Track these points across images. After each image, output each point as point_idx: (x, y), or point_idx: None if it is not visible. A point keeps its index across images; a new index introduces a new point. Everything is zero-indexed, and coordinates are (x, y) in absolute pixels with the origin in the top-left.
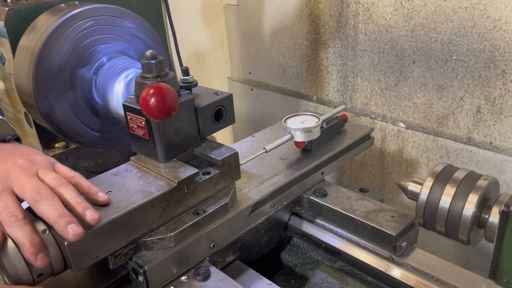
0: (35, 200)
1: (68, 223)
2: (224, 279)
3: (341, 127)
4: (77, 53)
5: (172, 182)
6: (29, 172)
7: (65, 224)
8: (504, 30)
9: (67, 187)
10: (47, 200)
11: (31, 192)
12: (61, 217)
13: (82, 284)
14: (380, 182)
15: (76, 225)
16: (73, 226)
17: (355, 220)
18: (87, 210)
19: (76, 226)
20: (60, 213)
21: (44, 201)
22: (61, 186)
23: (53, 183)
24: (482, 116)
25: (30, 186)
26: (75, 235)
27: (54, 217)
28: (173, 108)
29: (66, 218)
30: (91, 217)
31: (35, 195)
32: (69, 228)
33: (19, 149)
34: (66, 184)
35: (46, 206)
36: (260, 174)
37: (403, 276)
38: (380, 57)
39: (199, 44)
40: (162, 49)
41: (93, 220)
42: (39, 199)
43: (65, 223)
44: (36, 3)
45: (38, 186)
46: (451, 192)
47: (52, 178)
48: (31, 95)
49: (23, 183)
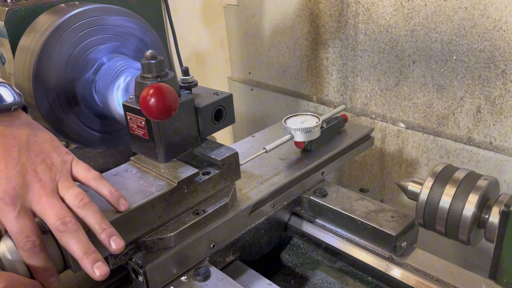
0: (59, 231)
1: (94, 261)
2: (224, 279)
3: (341, 127)
4: (77, 53)
5: (172, 182)
6: (50, 190)
7: (91, 262)
8: (504, 30)
9: (89, 209)
10: (72, 232)
11: (55, 220)
12: (87, 254)
13: (82, 284)
14: (380, 182)
15: (103, 263)
16: (99, 265)
17: (355, 220)
18: (112, 238)
19: (103, 264)
20: (86, 249)
21: (69, 234)
22: (84, 208)
23: (75, 203)
24: (482, 116)
25: (53, 212)
26: (102, 275)
27: (79, 253)
28: (173, 108)
29: (92, 256)
30: (115, 247)
31: (59, 225)
32: (95, 268)
33: (34, 140)
34: (88, 205)
35: (71, 239)
36: (260, 174)
37: (403, 276)
38: (380, 57)
39: (199, 44)
40: (162, 49)
41: (118, 250)
42: (63, 230)
43: (91, 262)
44: (36, 3)
45: (61, 213)
46: (451, 192)
47: (73, 197)
48: (31, 95)
49: (44, 205)
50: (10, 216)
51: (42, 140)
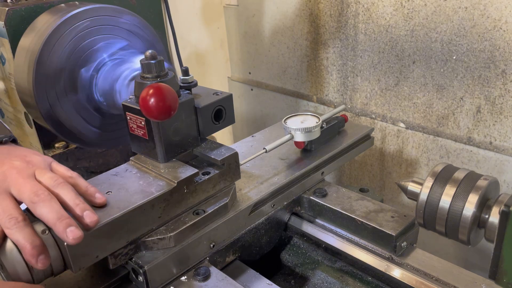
0: (32, 202)
1: (67, 225)
2: (224, 279)
3: (341, 127)
4: (77, 53)
5: (172, 182)
6: (26, 174)
7: (64, 227)
8: (504, 30)
9: (64, 187)
10: (45, 201)
11: (29, 193)
12: (60, 219)
13: (82, 284)
14: (380, 182)
15: (76, 228)
16: (73, 229)
17: (355, 220)
18: (86, 211)
19: (76, 229)
20: (59, 215)
21: (42, 203)
22: (59, 186)
23: (50, 183)
24: (482, 116)
25: (28, 188)
26: (74, 238)
27: (52, 219)
28: (172, 108)
29: (65, 221)
30: (89, 219)
31: (33, 196)
32: (69, 231)
33: (15, 150)
34: (63, 184)
35: (44, 208)
36: (260, 174)
37: (403, 276)
38: (380, 57)
39: (199, 44)
40: (162, 49)
41: (91, 222)
42: (37, 200)
43: (64, 226)
44: (36, 3)
45: (35, 188)
46: (451, 192)
47: (49, 178)
48: (31, 95)
49: (20, 185)
50: None
51: (25, 149)
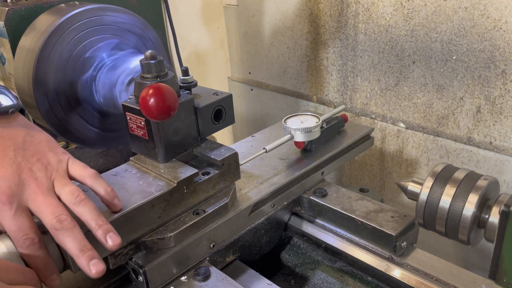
0: (55, 228)
1: (90, 258)
2: (224, 279)
3: (341, 127)
4: (77, 53)
5: (171, 182)
6: (46, 188)
7: (87, 260)
8: (504, 30)
9: (86, 206)
10: (68, 230)
11: (50, 218)
12: (83, 251)
13: (82, 284)
14: (380, 182)
15: (98, 260)
16: (95, 263)
17: (355, 220)
18: (109, 234)
19: (98, 261)
20: (82, 246)
21: (65, 231)
22: (80, 205)
23: (71, 200)
24: (482, 116)
25: (49, 210)
26: (97, 272)
27: (75, 250)
28: (172, 108)
29: (88, 253)
30: (112, 243)
31: (55, 223)
32: (91, 265)
33: (31, 141)
34: (84, 202)
35: (67, 237)
36: (260, 174)
37: (403, 276)
38: (380, 57)
39: (199, 44)
40: (162, 49)
41: (114, 246)
42: (59, 227)
43: (87, 259)
44: (36, 3)
45: (57, 211)
46: (451, 192)
47: (69, 193)
48: (31, 95)
49: (40, 203)
50: (7, 215)
51: (39, 140)
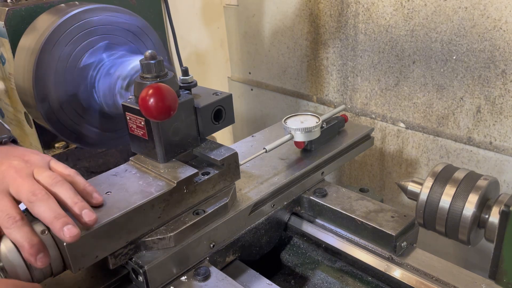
0: (30, 201)
1: (64, 224)
2: (224, 279)
3: (341, 127)
4: (77, 53)
5: (171, 182)
6: (24, 173)
7: (61, 225)
8: (504, 30)
9: (63, 186)
10: (42, 200)
11: (27, 193)
12: (57, 218)
13: (82, 284)
14: (380, 182)
15: (73, 226)
16: (70, 227)
17: (355, 220)
18: (84, 210)
19: (73, 227)
20: (56, 214)
21: (39, 202)
22: (57, 185)
23: (48, 181)
24: (482, 116)
25: (25, 187)
26: (71, 236)
27: (49, 218)
28: (172, 108)
29: (62, 219)
30: (88, 218)
31: (30, 196)
32: (65, 229)
33: (14, 150)
34: (62, 182)
35: (41, 207)
36: (260, 174)
37: (403, 276)
38: (380, 57)
39: (199, 44)
40: (162, 49)
41: (90, 221)
42: (34, 200)
43: (61, 224)
44: (36, 3)
45: (33, 187)
46: (451, 192)
47: (47, 177)
48: (31, 95)
49: (18, 184)
50: None
51: (23, 149)
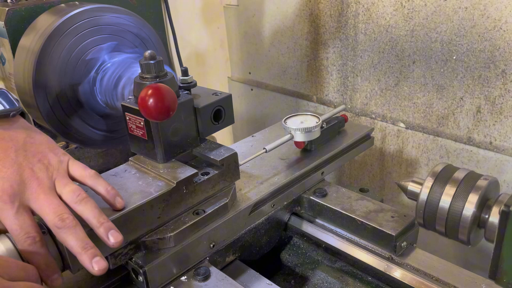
0: (57, 227)
1: (92, 256)
2: (224, 279)
3: (341, 127)
4: (78, 53)
5: (171, 182)
6: (47, 188)
7: (90, 257)
8: (504, 30)
9: (87, 204)
10: (70, 228)
11: (53, 216)
12: (85, 249)
13: (82, 284)
14: (380, 182)
15: (101, 258)
16: (98, 260)
17: (355, 220)
18: (110, 232)
19: (101, 259)
20: (84, 244)
21: (66, 229)
22: (81, 203)
23: (72, 198)
24: (482, 116)
25: (51, 209)
26: (100, 269)
27: (78, 248)
28: (171, 108)
29: (91, 251)
30: (114, 240)
31: (57, 221)
32: (94, 262)
33: (31, 142)
34: (86, 200)
35: (69, 235)
36: (260, 174)
37: (403, 276)
38: (380, 57)
39: (199, 44)
40: (163, 50)
41: (116, 243)
42: (61, 226)
43: (90, 257)
44: (36, 3)
45: (59, 210)
46: (451, 192)
47: (70, 192)
48: (31, 95)
49: (42, 202)
50: (9, 214)
51: (39, 142)
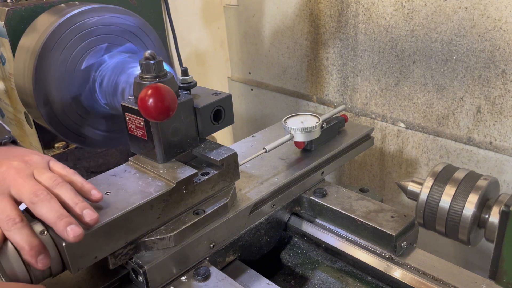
0: (32, 202)
1: (67, 224)
2: (224, 279)
3: (341, 127)
4: (78, 53)
5: (170, 182)
6: (25, 174)
7: (64, 225)
8: (504, 30)
9: (63, 187)
10: (45, 201)
11: (28, 194)
12: (60, 218)
13: (82, 284)
14: (380, 182)
15: (76, 225)
16: (73, 227)
17: (355, 220)
18: (85, 210)
19: (76, 226)
20: (59, 214)
21: (41, 203)
22: (58, 186)
23: (49, 183)
24: (482, 116)
25: (27, 188)
26: (75, 236)
27: (52, 218)
28: (171, 108)
29: (65, 219)
30: (89, 217)
31: (32, 197)
32: (69, 229)
33: (13, 151)
34: (62, 183)
35: (44, 207)
36: (260, 174)
37: (403, 276)
38: (380, 57)
39: (199, 44)
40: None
41: (91, 220)
42: (36, 201)
43: (64, 224)
44: (36, 3)
45: (34, 188)
46: (451, 192)
47: (48, 178)
48: (31, 95)
49: (19, 185)
50: None
51: (23, 149)
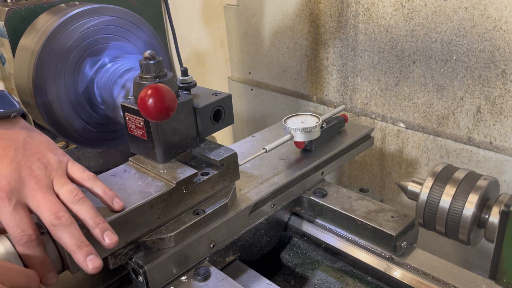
0: (53, 224)
1: (87, 254)
2: (224, 279)
3: (341, 127)
4: (77, 53)
5: (170, 183)
6: (44, 186)
7: (84, 255)
8: (504, 30)
9: (84, 204)
10: (66, 226)
11: (49, 214)
12: (80, 247)
13: (82, 284)
14: (380, 182)
15: (95, 256)
16: (92, 258)
17: (355, 220)
18: (105, 232)
19: (95, 257)
20: (79, 242)
21: (62, 227)
22: (78, 203)
23: (69, 197)
24: (482, 116)
25: (48, 207)
26: (94, 267)
27: (73, 246)
28: (171, 108)
29: (85, 249)
30: (110, 241)
31: (53, 219)
32: (88, 261)
33: (31, 142)
34: (83, 200)
35: (64, 233)
36: (260, 174)
37: (403, 276)
38: (380, 57)
39: (199, 44)
40: (163, 50)
41: (111, 244)
42: (57, 224)
43: (84, 254)
44: (36, 3)
45: (55, 208)
46: (451, 192)
47: (68, 192)
48: (31, 95)
49: (39, 200)
50: (6, 211)
51: (39, 142)
